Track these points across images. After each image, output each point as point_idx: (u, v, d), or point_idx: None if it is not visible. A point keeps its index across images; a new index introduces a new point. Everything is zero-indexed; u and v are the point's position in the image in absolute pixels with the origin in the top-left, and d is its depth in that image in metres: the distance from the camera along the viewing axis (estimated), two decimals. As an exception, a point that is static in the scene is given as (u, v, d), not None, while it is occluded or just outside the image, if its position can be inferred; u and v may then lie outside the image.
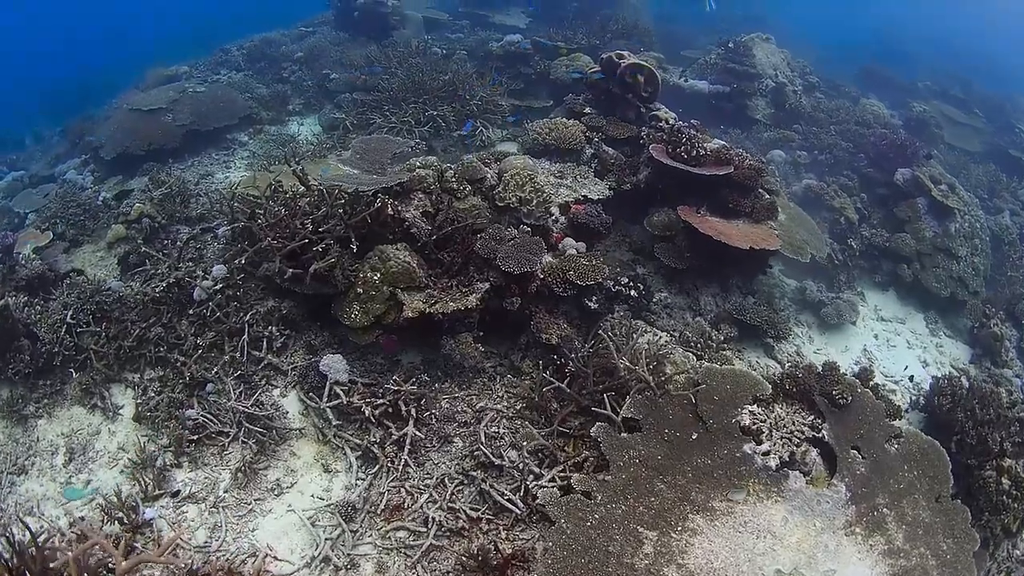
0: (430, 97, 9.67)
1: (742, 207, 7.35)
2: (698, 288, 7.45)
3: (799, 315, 8.66)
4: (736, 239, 6.87)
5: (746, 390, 5.75)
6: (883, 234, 9.91)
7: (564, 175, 7.46)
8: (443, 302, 5.65)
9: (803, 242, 7.80)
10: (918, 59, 20.12)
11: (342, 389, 6.17)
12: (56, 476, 5.96)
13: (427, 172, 6.12)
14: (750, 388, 5.77)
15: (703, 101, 11.24)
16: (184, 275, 7.17)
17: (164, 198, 8.33)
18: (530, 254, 5.81)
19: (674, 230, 7.27)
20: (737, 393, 5.71)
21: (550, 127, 7.95)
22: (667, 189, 7.48)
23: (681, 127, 7.53)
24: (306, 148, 9.80)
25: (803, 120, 11.42)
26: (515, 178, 6.56)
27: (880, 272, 9.91)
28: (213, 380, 6.45)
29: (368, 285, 5.77)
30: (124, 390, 6.63)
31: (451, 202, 6.13)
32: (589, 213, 6.63)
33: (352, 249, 5.86)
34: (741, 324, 7.29)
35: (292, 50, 12.50)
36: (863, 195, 10.30)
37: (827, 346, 8.47)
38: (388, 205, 5.73)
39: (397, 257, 5.75)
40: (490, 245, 5.85)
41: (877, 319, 9.49)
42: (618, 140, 8.18)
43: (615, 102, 8.64)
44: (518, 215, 6.53)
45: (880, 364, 8.53)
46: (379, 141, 6.72)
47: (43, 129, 13.58)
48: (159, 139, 9.71)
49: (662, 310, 7.26)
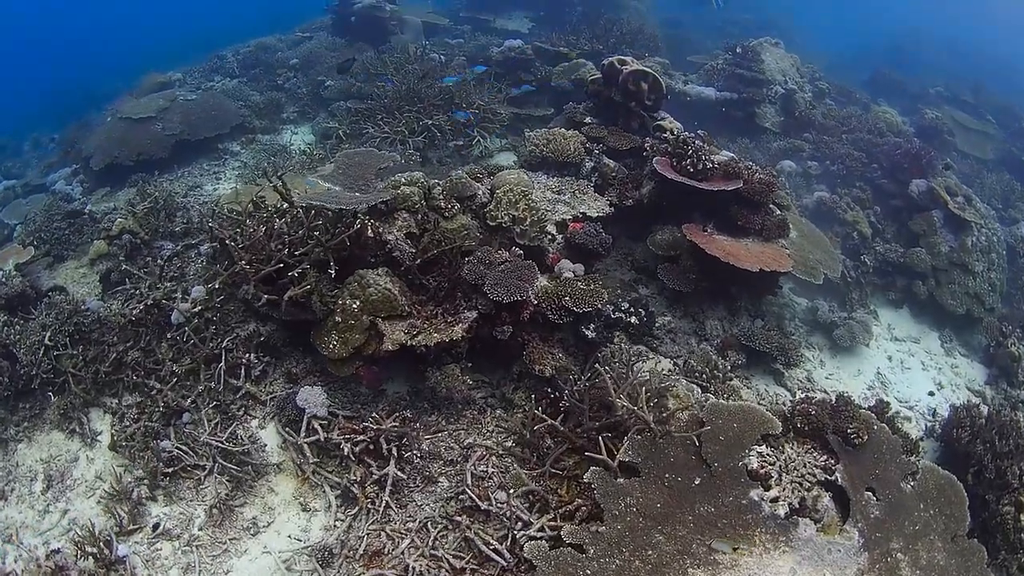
0: (425, 106, 9.11)
1: (752, 224, 6.76)
2: (704, 311, 6.87)
3: (809, 337, 8.05)
4: (745, 261, 6.28)
5: (755, 428, 5.19)
6: (897, 249, 9.27)
7: (562, 190, 6.89)
8: (426, 333, 5.11)
9: (816, 262, 7.20)
10: (928, 63, 19.34)
11: (321, 423, 5.69)
12: (35, 504, 5.70)
13: (412, 190, 5.57)
14: (759, 426, 5.22)
15: (710, 108, 10.62)
16: (163, 296, 6.77)
17: (148, 212, 7.85)
18: (521, 280, 5.25)
19: (679, 249, 6.69)
20: (745, 432, 5.15)
21: (547, 138, 7.38)
22: (672, 204, 6.89)
23: (687, 138, 6.93)
24: (298, 158, 9.29)
25: (814, 128, 10.77)
26: (508, 195, 6.00)
27: (894, 289, 9.28)
28: (189, 410, 6.05)
29: (347, 313, 5.25)
30: (103, 415, 6.28)
31: (437, 222, 5.58)
32: (587, 232, 6.06)
33: (330, 274, 5.31)
34: (749, 350, 6.69)
35: (288, 56, 11.99)
36: (876, 207, 9.66)
37: (839, 370, 7.87)
38: (369, 226, 5.19)
39: (377, 284, 5.22)
40: (478, 270, 5.30)
41: (891, 339, 8.88)
42: (620, 151, 7.60)
43: (617, 111, 8.06)
44: (511, 235, 5.97)
45: (894, 389, 7.95)
46: (364, 155, 6.18)
47: (42, 135, 13.15)
48: (148, 149, 9.25)
49: (665, 335, 6.68)
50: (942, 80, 17.01)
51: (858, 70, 16.97)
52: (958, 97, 16.19)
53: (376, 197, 5.32)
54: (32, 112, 14.54)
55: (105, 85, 13.70)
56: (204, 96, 10.22)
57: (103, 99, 12.54)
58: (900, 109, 14.32)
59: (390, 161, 6.12)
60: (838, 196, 9.44)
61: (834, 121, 11.12)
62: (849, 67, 16.96)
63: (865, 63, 17.98)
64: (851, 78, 15.43)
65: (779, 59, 11.59)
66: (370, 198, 5.31)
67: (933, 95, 16.13)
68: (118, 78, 13.15)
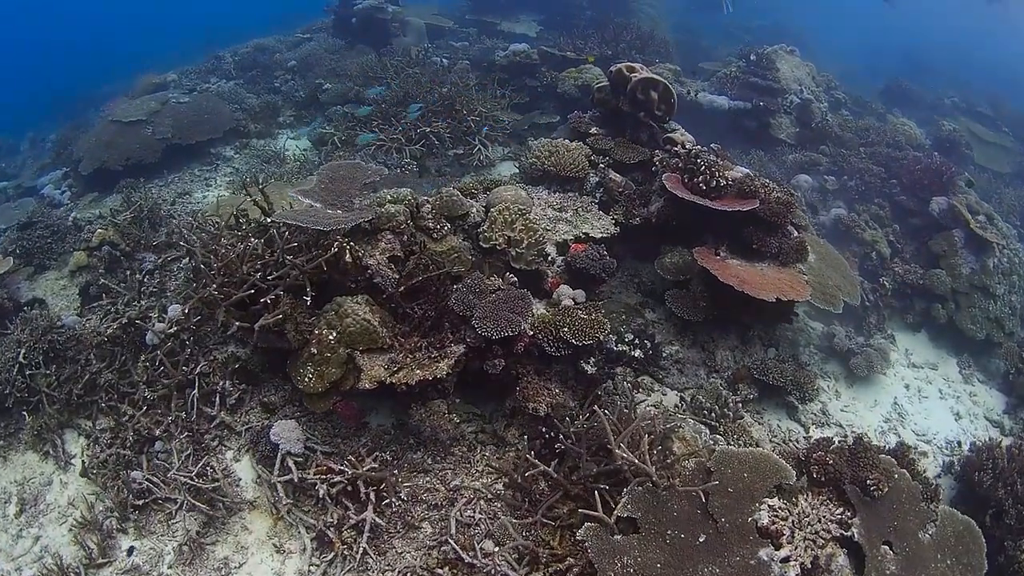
0: (424, 112, 8.53)
1: (767, 247, 6.16)
2: (714, 340, 6.28)
3: (825, 365, 7.44)
4: (761, 289, 5.68)
5: (767, 479, 4.65)
6: (917, 271, 8.64)
7: (564, 207, 6.30)
8: (408, 369, 4.55)
9: (835, 288, 6.59)
10: (940, 72, 18.56)
11: (296, 460, 5.16)
12: (8, 527, 5.40)
13: (398, 208, 5.01)
14: (772, 476, 4.69)
15: (723, 118, 9.99)
16: (138, 315, 6.28)
17: (130, 222, 7.34)
18: (513, 312, 4.68)
19: (689, 274, 6.10)
20: (756, 484, 4.62)
21: (550, 150, 6.78)
22: (682, 224, 6.29)
23: (699, 152, 6.33)
24: (292, 165, 8.74)
25: (831, 141, 10.09)
26: (503, 214, 5.43)
27: (912, 312, 8.65)
28: (162, 438, 5.57)
29: (323, 345, 4.70)
30: (77, 437, 5.90)
31: (424, 245, 5.01)
32: (590, 256, 5.47)
33: (306, 301, 4.76)
34: (763, 383, 6.09)
35: (286, 58, 11.42)
36: (895, 226, 8.98)
37: (855, 401, 7.26)
38: (347, 250, 4.63)
39: (356, 313, 4.66)
40: (466, 300, 4.73)
41: (908, 365, 8.27)
42: (627, 165, 7.00)
43: (625, 121, 7.45)
44: (506, 258, 5.39)
45: (911, 420, 7.36)
46: (349, 168, 5.62)
47: (40, 134, 12.67)
48: (137, 154, 8.74)
49: (672, 365, 6.11)
50: (956, 90, 16.27)
51: (871, 78, 16.24)
52: (973, 108, 15.46)
53: (356, 217, 4.76)
54: (32, 110, 14.04)
55: (106, 84, 13.17)
56: (197, 99, 9.68)
57: (102, 99, 12.02)
58: (916, 120, 13.61)
59: (377, 175, 5.56)
60: (856, 214, 8.80)
61: (852, 133, 10.44)
62: (861, 75, 16.22)
63: (877, 71, 17.23)
64: (864, 87, 14.70)
65: (795, 67, 10.91)
66: (350, 217, 4.76)
67: (948, 106, 15.40)
68: (119, 77, 12.63)
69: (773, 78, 10.23)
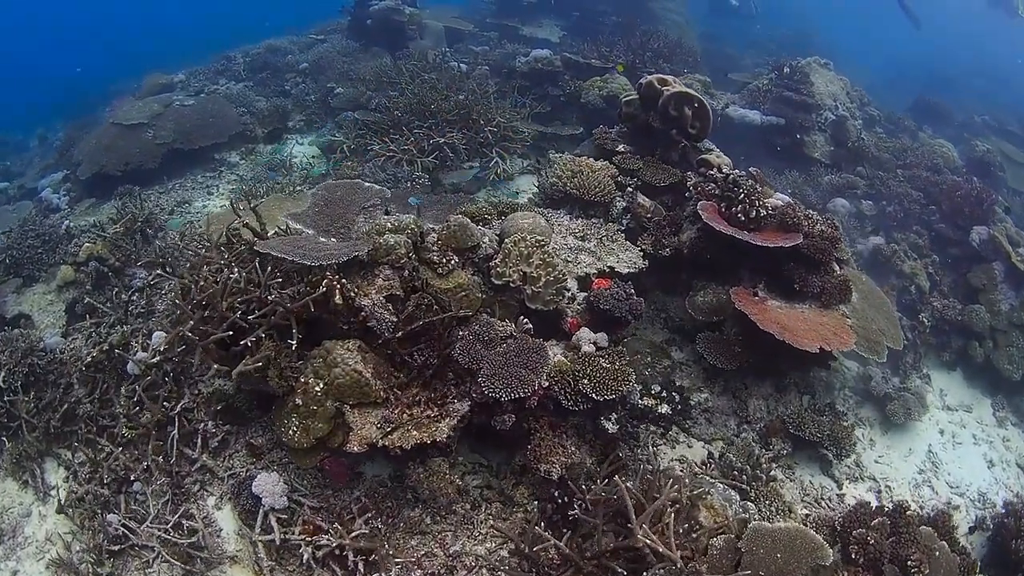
0: (438, 121, 7.79)
1: (809, 287, 5.38)
2: (747, 387, 5.53)
3: (859, 409, 6.68)
4: (804, 338, 4.93)
5: (802, 560, 4.07)
6: (956, 306, 7.84)
7: (587, 235, 5.55)
8: (404, 430, 3.87)
9: (879, 333, 5.81)
10: (965, 86, 17.46)
11: (280, 517, 4.49)
12: None
13: (398, 240, 4.29)
14: (808, 556, 4.09)
15: (754, 134, 9.13)
16: (120, 340, 5.68)
17: (121, 235, 6.70)
18: (527, 369, 3.95)
19: (723, 314, 5.33)
20: (790, 566, 4.02)
21: (573, 170, 6.02)
22: (716, 257, 5.51)
23: (738, 179, 5.56)
24: (299, 174, 8.05)
25: (867, 162, 9.22)
26: (519, 246, 4.69)
27: (949, 350, 7.88)
28: (141, 479, 4.99)
29: (309, 397, 4.01)
30: (57, 467, 5.43)
31: (427, 283, 4.28)
32: (615, 296, 4.72)
33: (291, 345, 4.07)
34: (797, 437, 5.33)
35: (298, 60, 10.71)
36: (934, 256, 8.14)
37: (889, 451, 6.53)
38: (337, 289, 3.93)
39: (345, 363, 3.97)
40: (473, 350, 4.01)
41: (943, 407, 7.55)
42: (657, 188, 6.22)
43: (655, 138, 6.66)
44: (520, 296, 4.66)
45: (945, 470, 6.60)
46: (346, 189, 4.91)
47: (50, 131, 12.09)
48: (136, 159, 8.10)
49: (701, 414, 5.36)
50: (985, 107, 15.27)
51: (897, 92, 15.24)
52: (1004, 127, 14.43)
53: (349, 250, 4.06)
54: (45, 105, 13.47)
55: (120, 81, 12.55)
56: (202, 101, 9.02)
57: (113, 97, 11.43)
58: (945, 138, 12.70)
59: (377, 197, 4.84)
60: (895, 243, 7.96)
61: (888, 154, 9.56)
62: (887, 89, 15.22)
63: (900, 84, 16.24)
64: (892, 102, 13.72)
65: (829, 82, 10.04)
66: (342, 251, 4.05)
67: (979, 124, 14.41)
68: (132, 74, 11.99)
69: (807, 93, 9.37)
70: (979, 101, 15.99)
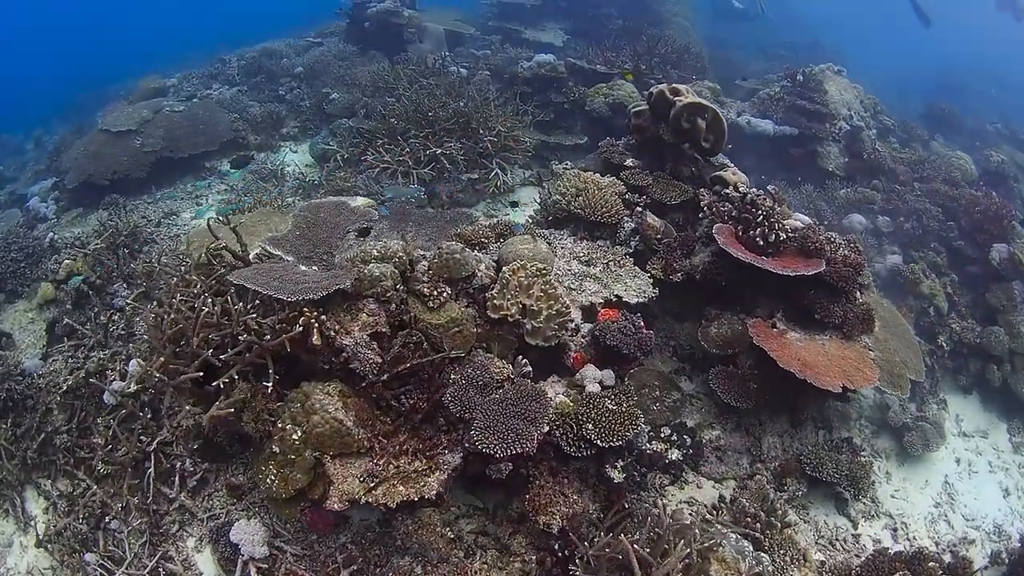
0: (435, 130, 7.31)
1: (831, 317, 4.90)
2: (762, 423, 5.07)
3: (875, 439, 6.23)
4: (825, 375, 4.46)
5: None
6: (974, 328, 7.37)
7: (592, 259, 5.08)
8: (389, 484, 3.43)
9: (902, 365, 5.36)
10: (976, 92, 16.82)
11: (260, 567, 4.06)
12: None
13: (384, 270, 3.83)
14: None
15: (765, 144, 8.61)
16: (97, 367, 5.29)
17: (103, 251, 6.28)
18: (524, 421, 3.50)
19: (738, 346, 4.86)
20: None
21: (578, 188, 5.54)
22: (730, 283, 5.03)
23: (756, 199, 5.07)
24: (292, 184, 7.59)
25: (883, 175, 8.70)
26: (518, 275, 4.23)
27: (966, 373, 7.42)
28: (118, 517, 4.66)
29: (286, 444, 3.57)
30: (37, 496, 5.12)
31: (415, 319, 3.82)
32: (623, 330, 4.26)
33: (267, 387, 3.62)
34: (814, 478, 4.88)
35: (294, 63, 10.18)
36: (953, 275, 7.65)
37: (905, 484, 6.11)
38: (315, 328, 3.47)
39: (325, 410, 3.52)
40: (466, 396, 3.56)
41: (959, 434, 7.13)
42: (668, 206, 5.74)
43: (665, 152, 6.17)
44: (519, 331, 4.19)
45: (961, 502, 6.15)
46: (331, 209, 4.43)
47: (47, 133, 11.60)
48: (124, 167, 7.65)
49: (711, 452, 4.89)
50: (996, 114, 14.66)
51: (906, 98, 14.63)
52: (1016, 135, 13.85)
53: (330, 283, 3.60)
54: (44, 106, 12.99)
55: (117, 82, 12.04)
56: (193, 107, 8.53)
57: (109, 99, 10.93)
58: (958, 147, 12.14)
59: (364, 219, 4.38)
60: (914, 261, 7.46)
61: (905, 166, 9.02)
62: (896, 95, 14.60)
63: (912, 91, 15.62)
64: (901, 108, 13.13)
65: (843, 89, 9.50)
66: (322, 284, 3.59)
67: (991, 132, 13.82)
68: (129, 76, 11.48)
69: (821, 101, 8.85)
70: (990, 107, 15.38)
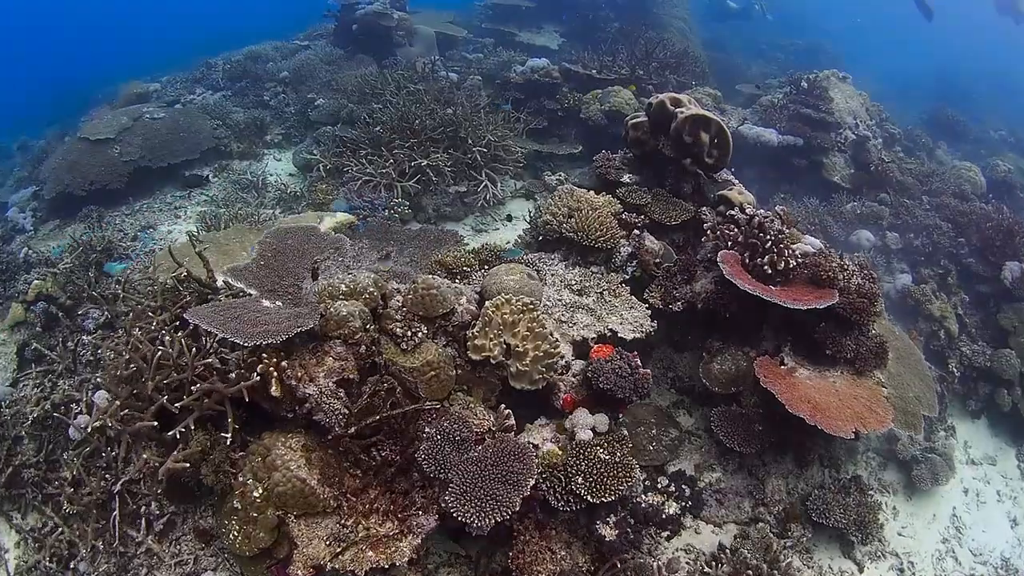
0: (422, 140, 6.83)
1: (843, 351, 4.47)
2: (766, 464, 4.61)
3: (881, 472, 5.82)
4: (838, 420, 4.03)
5: None
6: (984, 351, 6.97)
7: (585, 288, 4.62)
8: (357, 548, 2.99)
9: (916, 402, 4.93)
10: (982, 99, 16.32)
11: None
12: None
13: (353, 309, 3.38)
14: None
15: (767, 154, 8.13)
16: (62, 398, 4.89)
17: (73, 269, 5.83)
18: (506, 486, 3.05)
19: (742, 384, 4.41)
20: None
21: (570, 207, 5.08)
22: (736, 314, 4.57)
23: (764, 222, 4.60)
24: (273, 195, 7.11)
25: (891, 187, 8.21)
26: (502, 311, 3.78)
27: (975, 397, 7.03)
28: (84, 559, 4.27)
29: (247, 501, 3.16)
30: (9, 530, 4.77)
31: (388, 362, 3.37)
32: (617, 371, 3.81)
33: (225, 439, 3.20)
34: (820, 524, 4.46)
35: (279, 68, 9.65)
36: (964, 295, 7.20)
37: (913, 520, 5.73)
38: (274, 377, 3.03)
39: (287, 468, 3.09)
40: (441, 454, 3.12)
41: (967, 461, 6.77)
42: (668, 227, 5.27)
43: (665, 166, 5.69)
44: (503, 372, 3.75)
45: (969, 535, 5.78)
46: (299, 236, 3.97)
47: (32, 138, 11.08)
48: (101, 178, 7.17)
49: (711, 495, 4.45)
50: (1000, 120, 14.22)
51: (908, 104, 14.14)
52: (1022, 143, 13.39)
53: (290, 324, 3.15)
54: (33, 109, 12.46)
55: (107, 86, 11.49)
56: (173, 114, 8.04)
57: (95, 104, 10.43)
58: (962, 155, 11.70)
59: (334, 247, 3.93)
60: (924, 283, 7.01)
61: (913, 178, 8.53)
62: (898, 100, 14.12)
63: (913, 96, 15.13)
64: (903, 114, 12.64)
65: (848, 97, 9.00)
66: (283, 325, 3.15)
67: (996, 139, 13.43)
68: (116, 80, 10.97)
69: (827, 109, 8.35)
70: (992, 113, 14.94)
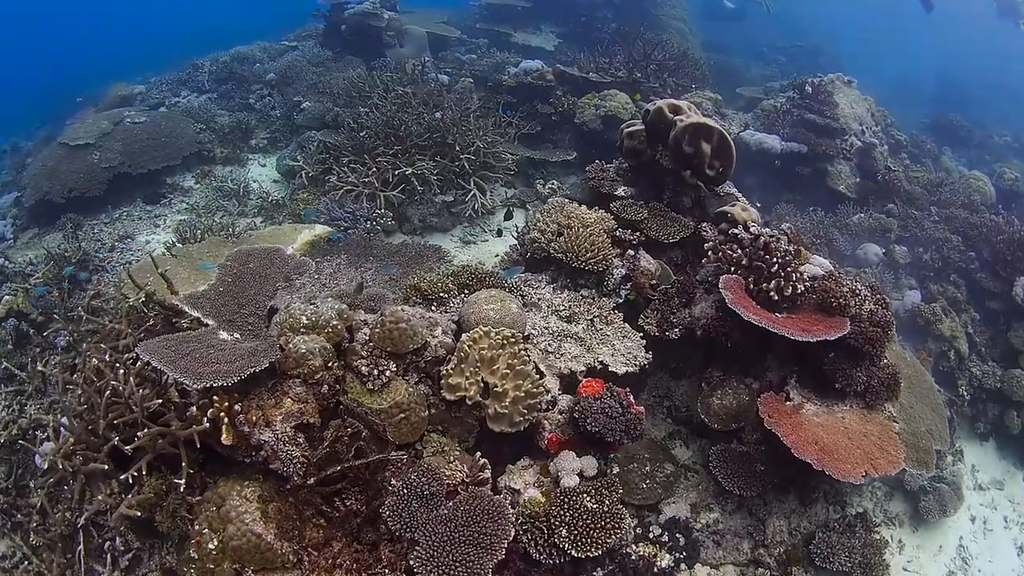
0: (407, 147, 6.40)
1: (853, 384, 4.05)
2: (767, 502, 4.20)
3: (887, 502, 5.44)
4: (847, 463, 3.65)
5: None
6: (995, 373, 6.56)
7: (574, 315, 4.20)
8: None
9: (927, 436, 4.52)
10: (984, 103, 15.84)
11: None
12: None
13: (312, 346, 2.98)
14: None
15: (769, 161, 7.68)
16: (30, 422, 4.61)
17: (49, 281, 5.49)
18: (478, 549, 2.67)
19: (743, 420, 4.01)
20: None
21: (560, 224, 4.67)
22: (739, 343, 4.15)
23: (770, 243, 4.18)
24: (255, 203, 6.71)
25: (899, 198, 7.73)
26: (479, 345, 3.37)
27: (984, 419, 6.68)
28: None
29: (203, 552, 2.80)
30: None
31: (353, 406, 2.98)
32: (607, 412, 3.41)
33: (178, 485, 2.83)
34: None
35: (266, 69, 9.21)
36: (974, 313, 6.78)
37: (919, 553, 5.40)
38: (227, 424, 2.65)
39: (242, 521, 2.73)
40: (408, 511, 2.74)
41: (974, 487, 6.37)
42: (665, 244, 4.84)
43: (663, 179, 5.25)
44: (480, 413, 3.35)
45: (975, 566, 5.42)
46: (261, 258, 3.56)
47: (22, 140, 10.69)
48: (80, 185, 6.79)
49: (708, 536, 4.05)
50: (1002, 124, 13.78)
51: (910, 108, 13.66)
52: (1026, 148, 12.97)
53: (244, 364, 2.77)
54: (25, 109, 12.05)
55: (96, 86, 11.06)
56: (155, 119, 7.60)
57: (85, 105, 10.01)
58: (966, 161, 11.28)
59: (299, 271, 3.53)
60: (933, 297, 6.58)
61: (921, 188, 8.06)
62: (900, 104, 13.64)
63: (916, 100, 14.66)
64: (906, 118, 12.16)
65: (854, 102, 8.53)
66: (235, 365, 2.77)
67: (1001, 145, 12.99)
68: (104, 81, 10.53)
69: (832, 115, 7.89)
70: (995, 118, 14.46)
